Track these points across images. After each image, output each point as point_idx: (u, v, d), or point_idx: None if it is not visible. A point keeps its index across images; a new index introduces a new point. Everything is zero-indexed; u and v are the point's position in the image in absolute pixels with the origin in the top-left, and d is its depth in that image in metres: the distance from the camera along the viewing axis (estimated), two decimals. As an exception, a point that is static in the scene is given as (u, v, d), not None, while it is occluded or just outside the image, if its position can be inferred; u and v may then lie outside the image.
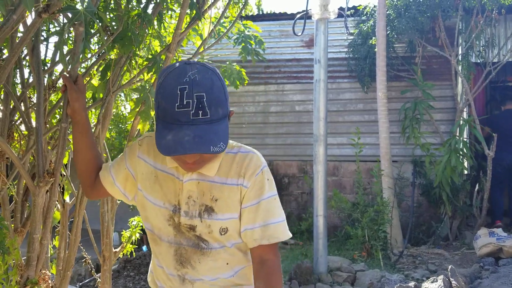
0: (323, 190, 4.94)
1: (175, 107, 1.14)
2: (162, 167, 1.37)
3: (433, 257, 5.69)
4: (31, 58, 1.82)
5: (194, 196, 1.34)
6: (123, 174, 1.45)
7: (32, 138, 1.90)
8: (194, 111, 1.13)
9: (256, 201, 1.34)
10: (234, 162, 1.34)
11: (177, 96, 1.14)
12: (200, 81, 1.15)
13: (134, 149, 1.45)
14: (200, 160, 1.23)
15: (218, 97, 1.17)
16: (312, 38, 6.94)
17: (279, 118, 7.50)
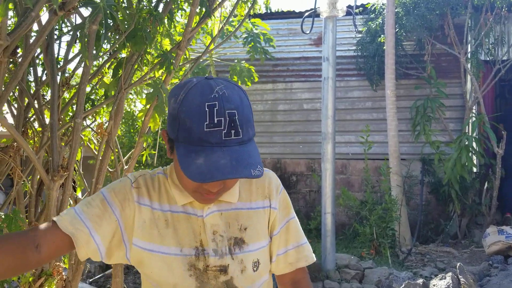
0: (331, 188, 4.95)
1: (204, 127, 0.97)
2: (172, 207, 1.15)
3: (441, 255, 5.68)
4: (45, 56, 1.87)
5: (220, 230, 1.15)
6: (110, 228, 1.10)
7: (46, 134, 1.95)
8: (226, 131, 0.98)
9: (285, 221, 1.24)
10: (252, 183, 1.21)
11: (206, 113, 0.98)
12: (230, 97, 1.00)
13: (126, 193, 1.13)
14: (222, 188, 1.08)
15: (248, 115, 1.03)
16: (320, 36, 6.95)
17: (287, 116, 7.52)
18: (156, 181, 1.17)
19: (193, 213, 1.15)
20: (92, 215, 1.08)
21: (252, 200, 1.19)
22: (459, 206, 6.31)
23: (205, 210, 1.14)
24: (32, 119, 2.13)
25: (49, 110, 2.20)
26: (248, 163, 1.00)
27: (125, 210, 1.12)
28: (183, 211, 1.14)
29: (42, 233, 1.05)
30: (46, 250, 1.04)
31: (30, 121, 2.11)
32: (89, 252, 1.09)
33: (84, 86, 1.76)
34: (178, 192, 1.14)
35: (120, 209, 1.12)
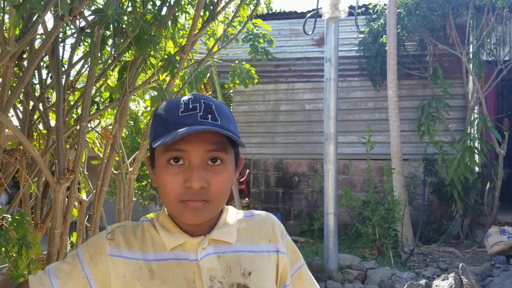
0: (333, 189, 4.97)
1: (179, 113, 0.93)
2: (158, 255, 0.99)
3: (444, 255, 5.70)
4: (51, 59, 1.88)
5: (218, 275, 0.98)
6: (77, 286, 0.99)
7: (51, 137, 1.97)
8: (202, 114, 0.93)
9: (295, 268, 1.10)
10: (253, 225, 1.07)
11: (181, 103, 0.95)
12: (207, 97, 0.98)
13: (99, 246, 1.00)
14: (208, 191, 0.94)
15: (229, 117, 0.98)
16: (322, 37, 6.97)
17: (289, 116, 7.54)
18: (139, 230, 1.03)
19: (184, 258, 0.98)
20: (60, 272, 0.99)
21: (254, 242, 1.05)
22: (461, 206, 6.33)
23: (200, 252, 0.98)
24: (37, 122, 2.15)
25: (54, 113, 2.22)
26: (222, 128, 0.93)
27: (97, 265, 0.98)
28: (174, 257, 0.98)
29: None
30: None
31: (35, 124, 2.13)
32: None
33: (89, 90, 1.78)
34: (167, 235, 0.99)
35: (91, 265, 0.98)
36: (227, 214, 1.06)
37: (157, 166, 0.97)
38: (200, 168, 0.93)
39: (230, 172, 0.97)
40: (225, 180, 0.96)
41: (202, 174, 0.92)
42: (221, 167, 0.95)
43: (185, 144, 0.93)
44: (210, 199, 0.94)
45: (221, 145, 0.95)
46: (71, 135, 2.18)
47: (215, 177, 0.94)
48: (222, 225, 1.03)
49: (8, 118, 1.63)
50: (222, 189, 0.96)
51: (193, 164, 0.93)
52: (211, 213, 0.97)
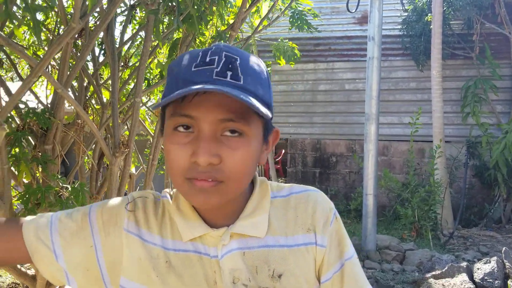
0: (373, 169, 4.94)
1: (192, 67, 0.73)
2: (176, 244, 0.82)
3: (484, 239, 5.59)
4: (106, 37, 1.95)
5: (243, 277, 0.81)
6: (81, 253, 0.81)
7: (105, 112, 2.05)
8: (219, 70, 0.72)
9: (339, 264, 0.86)
10: (289, 209, 0.86)
11: (198, 56, 0.75)
12: (234, 49, 0.77)
13: (116, 215, 0.84)
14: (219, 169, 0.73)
15: (259, 76, 0.76)
16: (364, 15, 6.82)
17: (328, 96, 7.47)
18: (160, 207, 0.86)
19: (204, 253, 0.81)
20: (64, 230, 0.81)
21: (289, 233, 0.84)
22: (505, 190, 6.16)
23: (221, 249, 0.81)
24: (90, 98, 2.24)
25: (106, 89, 2.30)
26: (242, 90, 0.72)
27: (109, 236, 0.81)
28: (193, 249, 0.81)
29: (3, 225, 0.82)
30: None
31: (89, 100, 2.22)
32: (53, 273, 0.81)
33: (143, 67, 1.84)
34: (183, 223, 0.82)
35: (102, 234, 0.81)
36: (258, 195, 0.85)
37: (165, 133, 0.78)
38: (211, 139, 0.72)
39: (252, 148, 0.75)
40: (244, 157, 0.74)
41: (212, 147, 0.72)
42: (240, 141, 0.74)
43: (193, 109, 0.72)
44: (224, 180, 0.73)
45: (241, 113, 0.73)
46: (122, 111, 2.26)
47: (231, 152, 0.73)
48: (250, 214, 0.83)
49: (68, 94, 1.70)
50: (240, 168, 0.74)
51: (202, 134, 0.72)
52: (225, 197, 0.75)
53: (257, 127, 0.76)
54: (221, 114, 0.72)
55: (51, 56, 1.44)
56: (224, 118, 0.72)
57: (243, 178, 0.76)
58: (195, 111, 0.72)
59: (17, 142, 1.70)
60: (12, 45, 1.47)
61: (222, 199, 0.75)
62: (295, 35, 6.62)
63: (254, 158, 0.76)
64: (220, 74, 0.71)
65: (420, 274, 4.20)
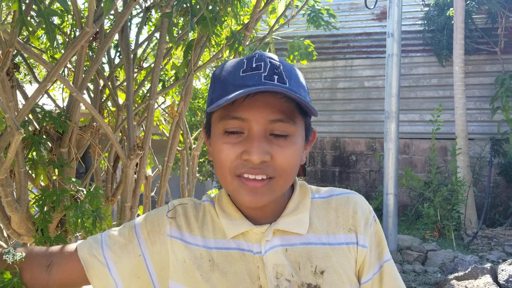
0: (394, 168, 4.85)
1: (240, 73, 0.79)
2: (219, 242, 0.86)
3: (510, 239, 5.44)
4: (121, 39, 1.94)
5: (286, 272, 0.83)
6: (131, 263, 0.87)
7: (120, 114, 2.05)
8: (267, 74, 0.77)
9: (378, 266, 0.90)
10: (330, 210, 0.89)
11: (243, 63, 0.80)
12: (275, 56, 0.82)
13: (158, 224, 0.89)
14: (270, 165, 0.79)
15: (301, 81, 0.83)
16: (383, 11, 6.71)
17: (347, 94, 7.39)
18: (200, 211, 0.91)
19: (247, 249, 0.85)
20: (114, 244, 0.87)
21: (330, 232, 0.87)
22: (531, 189, 5.99)
23: (264, 245, 0.84)
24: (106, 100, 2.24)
25: (121, 91, 2.30)
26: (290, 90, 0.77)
27: (155, 245, 0.87)
28: (235, 247, 0.85)
29: (59, 253, 0.88)
30: (56, 273, 0.85)
31: (105, 102, 2.22)
32: (105, 286, 0.86)
33: (158, 69, 1.82)
34: (227, 221, 0.86)
35: (148, 243, 0.87)
36: (299, 195, 0.90)
37: (212, 135, 0.83)
38: (262, 139, 0.78)
39: (298, 146, 0.81)
40: (292, 154, 0.80)
41: (264, 146, 0.77)
42: (288, 140, 0.79)
43: (244, 111, 0.77)
44: (275, 175, 0.79)
45: (289, 113, 0.79)
46: (138, 112, 2.26)
47: (280, 150, 0.79)
48: (292, 212, 0.87)
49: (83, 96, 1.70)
50: (289, 164, 0.80)
51: (254, 134, 0.78)
52: (275, 193, 0.81)
53: (301, 127, 0.83)
54: (271, 115, 0.78)
55: (65, 61, 1.43)
56: (274, 118, 0.78)
57: (290, 174, 0.82)
58: (247, 113, 0.78)
59: (34, 146, 1.71)
60: (28, 50, 1.48)
61: (270, 197, 0.81)
62: (313, 32, 6.56)
63: (299, 157, 0.82)
64: (268, 78, 0.77)
65: (442, 276, 4.11)
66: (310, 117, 0.86)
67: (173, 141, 2.20)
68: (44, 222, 1.69)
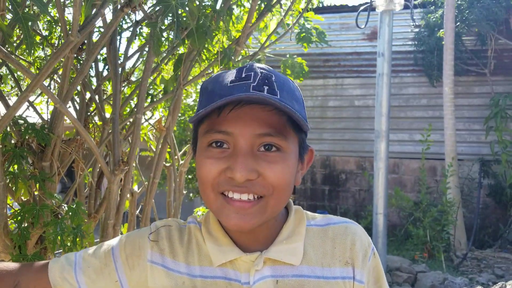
0: (383, 188, 4.82)
1: (228, 83, 0.72)
2: (204, 270, 0.79)
3: (499, 261, 5.41)
4: (109, 52, 1.90)
5: None
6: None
7: (106, 128, 1.99)
8: (256, 84, 0.70)
9: None
10: (327, 240, 0.81)
11: (232, 74, 0.74)
12: (267, 67, 0.75)
13: (139, 247, 0.82)
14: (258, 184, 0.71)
15: (294, 93, 0.76)
16: (374, 31, 6.78)
17: (337, 112, 7.40)
18: (185, 234, 0.83)
19: (235, 279, 0.77)
20: (88, 268, 0.81)
21: (325, 264, 0.79)
22: (520, 211, 6.00)
23: (254, 275, 0.76)
24: (93, 114, 2.19)
25: (109, 105, 2.25)
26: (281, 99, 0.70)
27: (134, 270, 0.80)
28: (223, 276, 0.78)
29: (28, 271, 0.82)
30: None
31: (91, 115, 2.17)
32: None
33: (145, 82, 1.78)
34: (214, 247, 0.78)
35: (126, 268, 0.80)
36: (294, 221, 0.82)
37: (197, 149, 0.77)
38: (248, 155, 0.70)
39: (290, 163, 0.73)
40: (283, 170, 0.71)
41: (249, 162, 0.69)
42: (278, 155, 0.71)
43: (230, 124, 0.70)
44: (264, 194, 0.71)
45: (278, 127, 0.71)
46: (124, 127, 2.21)
47: (270, 166, 0.70)
48: (285, 239, 0.79)
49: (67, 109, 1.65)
50: (280, 181, 0.71)
51: (239, 150, 0.70)
52: (265, 215, 0.72)
53: (294, 143, 0.75)
54: (259, 129, 0.70)
55: (48, 70, 1.38)
56: (262, 132, 0.70)
57: (283, 194, 0.73)
58: (232, 127, 0.71)
59: (15, 159, 1.65)
60: (10, 59, 1.43)
61: (260, 220, 0.72)
62: (304, 51, 6.58)
63: (292, 175, 0.74)
64: (257, 88, 0.70)
65: (432, 298, 4.05)
66: (306, 134, 0.79)
67: (160, 156, 2.14)
68: (21, 238, 1.62)
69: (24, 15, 1.02)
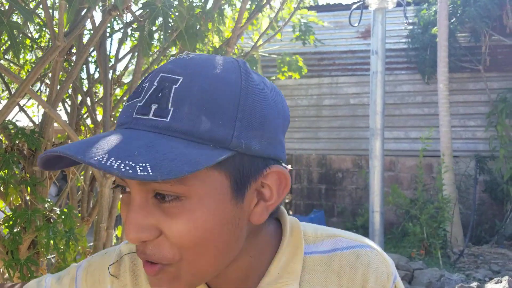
0: (379, 186, 4.83)
1: (127, 101, 0.56)
2: None
3: (496, 257, 5.43)
4: (98, 54, 1.89)
5: None
6: None
7: (98, 131, 1.98)
8: (143, 104, 0.51)
9: None
10: (331, 275, 0.62)
11: (137, 88, 0.55)
12: (175, 68, 0.53)
13: (96, 281, 0.69)
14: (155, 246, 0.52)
15: (216, 96, 0.51)
16: (368, 29, 6.77)
17: (332, 111, 7.40)
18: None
19: None
20: None
21: None
22: (517, 206, 6.02)
23: None
24: (85, 116, 2.18)
25: (101, 107, 2.24)
26: (130, 150, 0.47)
27: None
28: None
29: None
30: None
31: (83, 118, 2.16)
32: None
33: (135, 85, 1.77)
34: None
35: None
36: (288, 249, 0.61)
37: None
38: (140, 207, 0.51)
39: (201, 213, 0.51)
40: (188, 224, 0.50)
41: (141, 218, 0.51)
42: (177, 206, 0.50)
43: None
44: (170, 261, 0.51)
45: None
46: (117, 129, 2.20)
47: (169, 222, 0.51)
48: (274, 281, 0.59)
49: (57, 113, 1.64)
50: (185, 241, 0.50)
51: (131, 201, 0.52)
52: (186, 281, 0.53)
53: (211, 182, 0.51)
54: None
55: (35, 75, 1.37)
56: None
57: (200, 257, 0.52)
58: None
59: (5, 164, 1.64)
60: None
61: (182, 287, 0.53)
62: (298, 50, 6.59)
63: (205, 227, 0.51)
64: (141, 110, 0.51)
65: (429, 295, 4.06)
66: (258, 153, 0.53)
67: (152, 158, 2.13)
68: (14, 243, 1.61)
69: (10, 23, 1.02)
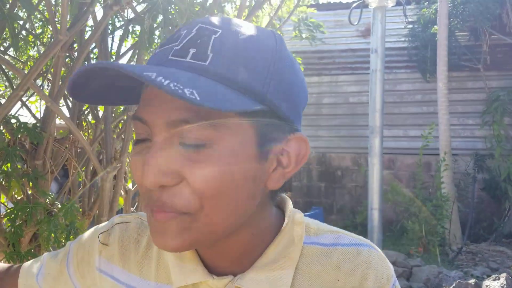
0: (378, 184, 4.85)
1: (158, 48, 0.53)
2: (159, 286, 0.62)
3: (494, 255, 5.45)
4: (100, 51, 1.91)
5: None
6: None
7: (99, 126, 2.00)
8: (180, 47, 0.50)
9: None
10: (328, 267, 0.59)
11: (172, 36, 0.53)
12: (215, 21, 0.52)
13: (86, 254, 0.67)
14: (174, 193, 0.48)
15: (252, 52, 0.50)
16: (368, 28, 6.79)
17: (332, 109, 7.42)
18: (145, 236, 0.65)
19: None
20: (48, 274, 0.70)
21: None
22: (515, 204, 6.04)
23: None
24: (86, 112, 2.20)
25: (102, 103, 2.26)
26: (167, 75, 0.44)
27: (86, 279, 0.67)
28: None
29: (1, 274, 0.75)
30: None
31: (84, 114, 2.18)
32: None
33: (136, 80, 1.79)
34: (175, 263, 0.59)
35: (78, 276, 0.67)
36: (286, 236, 0.58)
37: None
38: (161, 151, 0.48)
39: (230, 163, 0.48)
40: (213, 171, 0.48)
41: (163, 162, 0.48)
42: (204, 152, 0.48)
43: (143, 109, 0.50)
44: (190, 209, 0.48)
45: (198, 110, 0.47)
46: (117, 125, 2.22)
47: (192, 168, 0.48)
48: (270, 263, 0.57)
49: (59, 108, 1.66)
50: (210, 189, 0.48)
51: (152, 145, 0.49)
52: (192, 237, 0.50)
53: (240, 133, 0.49)
54: (172, 114, 0.48)
55: (38, 69, 1.40)
56: (175, 119, 0.48)
57: (218, 207, 0.49)
58: (145, 112, 0.50)
59: (8, 158, 1.66)
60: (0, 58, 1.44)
61: (187, 241, 0.50)
62: (299, 48, 6.59)
63: (231, 176, 0.48)
64: (178, 53, 0.49)
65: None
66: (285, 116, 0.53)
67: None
68: (15, 236, 1.63)
69: (10, 14, 1.04)
